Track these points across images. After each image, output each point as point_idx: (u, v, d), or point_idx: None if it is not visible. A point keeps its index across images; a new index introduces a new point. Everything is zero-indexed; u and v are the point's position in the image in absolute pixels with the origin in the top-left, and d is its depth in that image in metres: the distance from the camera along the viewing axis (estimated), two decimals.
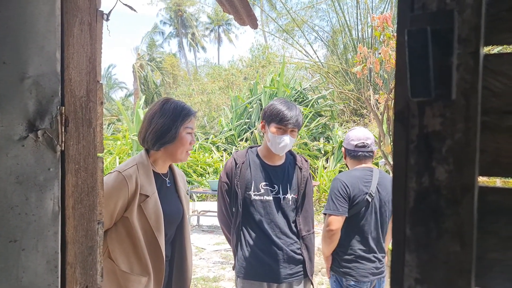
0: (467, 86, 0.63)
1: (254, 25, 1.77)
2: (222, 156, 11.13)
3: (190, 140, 1.89)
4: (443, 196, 0.66)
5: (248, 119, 11.99)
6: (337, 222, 2.41)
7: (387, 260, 2.72)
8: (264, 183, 2.28)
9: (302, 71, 18.71)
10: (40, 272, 1.02)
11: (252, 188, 2.27)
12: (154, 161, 1.86)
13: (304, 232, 2.31)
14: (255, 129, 11.30)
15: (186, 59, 43.34)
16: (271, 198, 2.27)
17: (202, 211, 8.05)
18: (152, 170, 1.82)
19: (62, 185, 1.05)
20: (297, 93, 12.17)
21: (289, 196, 2.29)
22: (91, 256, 1.15)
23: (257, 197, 2.26)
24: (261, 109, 11.71)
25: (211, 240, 6.62)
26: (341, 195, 2.44)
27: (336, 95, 15.12)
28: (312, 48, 22.58)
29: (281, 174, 2.32)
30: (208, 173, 10.50)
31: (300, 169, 2.35)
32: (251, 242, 2.26)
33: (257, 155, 2.37)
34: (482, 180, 6.61)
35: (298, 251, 2.29)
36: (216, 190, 7.36)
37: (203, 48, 44.90)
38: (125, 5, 1.21)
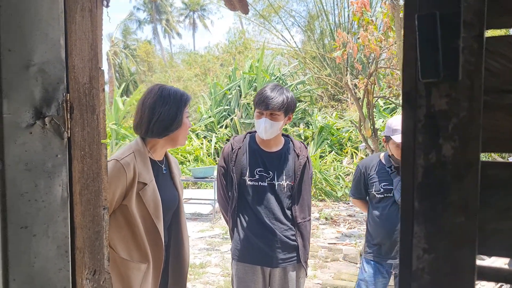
0: (472, 67, 0.68)
1: (245, 11, 1.78)
2: (202, 143, 11.11)
3: (189, 124, 1.92)
4: (449, 171, 0.71)
5: (227, 105, 11.96)
6: None
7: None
8: (259, 169, 2.30)
9: (279, 57, 18.72)
10: (51, 257, 1.04)
11: (247, 173, 2.29)
12: (151, 148, 1.86)
13: (300, 219, 2.33)
14: (235, 115, 11.30)
15: (161, 45, 42.71)
16: (265, 184, 2.29)
17: (185, 199, 8.06)
18: (149, 157, 1.83)
19: (69, 172, 1.06)
20: (276, 79, 12.18)
21: (284, 182, 2.30)
22: (98, 241, 1.17)
23: (251, 183, 2.29)
24: (240, 95, 11.70)
25: (195, 227, 6.65)
26: None
27: (313, 81, 15.22)
28: (289, 33, 22.57)
29: (276, 161, 2.33)
30: (189, 161, 10.48)
31: (298, 155, 2.35)
32: (246, 226, 2.30)
33: (254, 141, 2.38)
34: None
35: (293, 237, 2.31)
36: (197, 178, 7.42)
37: (178, 34, 44.37)
38: None
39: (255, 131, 2.42)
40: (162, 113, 1.79)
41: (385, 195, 2.61)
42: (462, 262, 0.72)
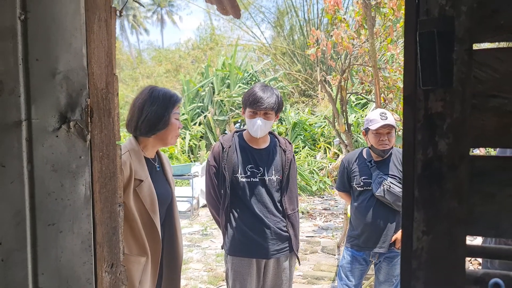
0: (463, 76, 0.80)
1: (237, 15, 1.87)
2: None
3: (178, 124, 2.00)
4: (444, 164, 0.83)
5: (200, 103, 11.98)
6: None
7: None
8: (250, 165, 2.40)
9: (250, 54, 18.82)
10: (76, 252, 1.11)
11: (239, 170, 2.40)
12: (144, 147, 1.94)
13: (290, 211, 2.46)
14: (208, 112, 11.34)
15: (129, 42, 42.06)
16: (257, 179, 2.40)
17: None
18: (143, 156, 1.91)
19: (90, 172, 1.14)
20: (249, 75, 12.27)
21: (274, 177, 2.42)
22: (115, 236, 1.24)
23: (244, 179, 2.39)
24: (213, 92, 11.74)
25: None
26: None
27: (284, 77, 15.41)
28: (259, 29, 22.71)
29: (265, 157, 2.45)
30: None
31: (284, 151, 2.48)
32: (240, 221, 2.40)
33: (243, 139, 2.49)
34: None
35: (284, 229, 2.44)
36: (175, 175, 7.44)
37: (145, 30, 43.79)
38: (135, 1, 1.28)
39: (242, 130, 2.53)
40: (150, 112, 1.89)
41: (364, 188, 2.77)
42: (455, 241, 0.85)
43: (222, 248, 2.54)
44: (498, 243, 2.17)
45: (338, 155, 9.78)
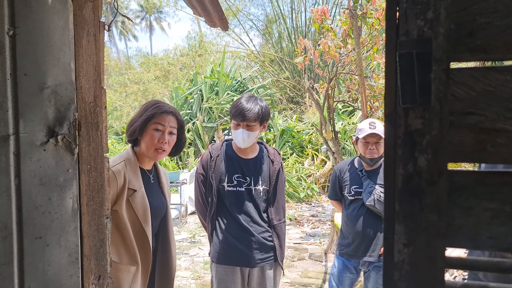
0: (441, 94, 0.83)
1: (225, 28, 1.90)
2: None
3: (159, 137, 1.93)
4: (424, 179, 0.86)
5: (189, 110, 11.97)
6: None
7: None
8: (237, 175, 2.42)
9: (238, 61, 18.86)
10: (63, 264, 1.12)
11: (226, 180, 2.41)
12: (139, 158, 1.97)
13: (276, 221, 2.48)
14: (197, 119, 11.33)
15: (117, 48, 41.91)
16: (243, 189, 2.42)
17: None
18: (139, 166, 1.94)
19: (78, 185, 1.15)
20: (237, 83, 12.31)
21: (260, 187, 2.44)
22: (102, 248, 1.25)
23: (230, 188, 2.41)
24: (202, 99, 11.74)
25: None
26: None
27: (272, 84, 15.48)
28: (248, 36, 22.85)
29: (253, 167, 2.47)
30: None
31: (272, 162, 2.50)
32: (225, 229, 2.41)
33: (231, 148, 2.51)
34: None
35: (269, 238, 2.46)
36: None
37: (134, 37, 43.70)
38: (124, 16, 1.30)
39: (231, 139, 2.54)
40: (131, 119, 1.98)
41: (355, 197, 2.80)
42: (434, 253, 0.88)
43: (209, 256, 2.56)
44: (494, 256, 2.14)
45: (325, 162, 9.83)
